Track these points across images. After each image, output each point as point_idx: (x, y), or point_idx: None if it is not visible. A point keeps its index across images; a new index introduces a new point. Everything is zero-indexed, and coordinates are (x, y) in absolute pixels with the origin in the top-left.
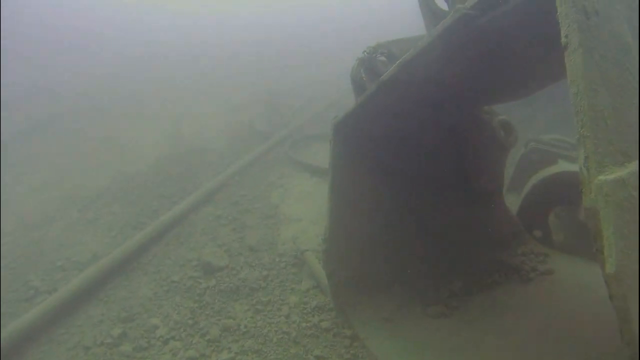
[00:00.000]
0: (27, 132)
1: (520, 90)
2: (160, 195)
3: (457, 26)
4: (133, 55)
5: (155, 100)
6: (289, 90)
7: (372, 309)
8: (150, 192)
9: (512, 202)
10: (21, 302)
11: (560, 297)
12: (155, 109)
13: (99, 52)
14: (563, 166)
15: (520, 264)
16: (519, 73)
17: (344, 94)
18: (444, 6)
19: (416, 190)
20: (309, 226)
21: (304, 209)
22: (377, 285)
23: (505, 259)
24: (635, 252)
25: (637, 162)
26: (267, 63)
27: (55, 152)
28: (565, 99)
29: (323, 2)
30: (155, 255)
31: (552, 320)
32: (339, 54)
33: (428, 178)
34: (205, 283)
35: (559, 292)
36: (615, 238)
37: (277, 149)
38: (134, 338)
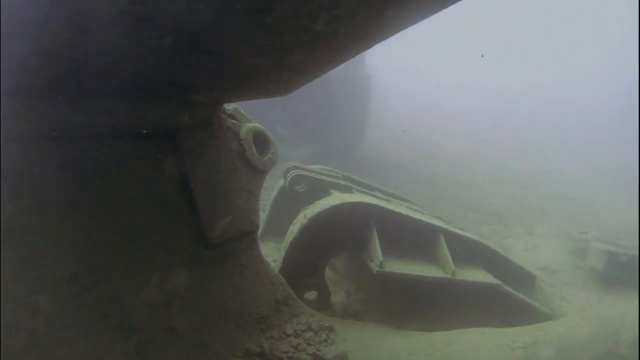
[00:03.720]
0: None
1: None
2: None
3: None
4: None
5: None
6: None
7: None
8: None
9: (269, 252)
10: None
11: None
12: None
13: None
14: (340, 197)
15: (294, 350)
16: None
17: None
18: None
19: (94, 242)
20: None
21: None
22: None
23: (267, 348)
24: None
25: None
26: None
27: None
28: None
29: None
30: None
31: None
32: None
33: (121, 222)
34: None
35: None
36: None
37: None
38: None
